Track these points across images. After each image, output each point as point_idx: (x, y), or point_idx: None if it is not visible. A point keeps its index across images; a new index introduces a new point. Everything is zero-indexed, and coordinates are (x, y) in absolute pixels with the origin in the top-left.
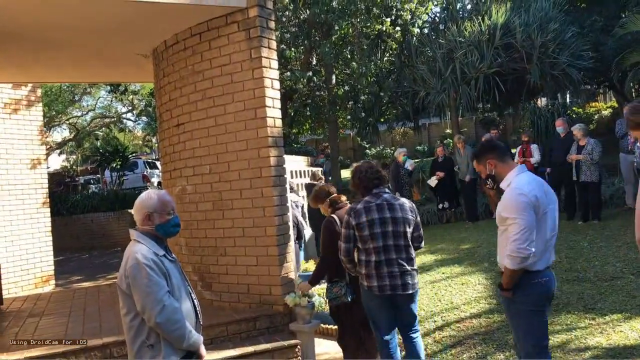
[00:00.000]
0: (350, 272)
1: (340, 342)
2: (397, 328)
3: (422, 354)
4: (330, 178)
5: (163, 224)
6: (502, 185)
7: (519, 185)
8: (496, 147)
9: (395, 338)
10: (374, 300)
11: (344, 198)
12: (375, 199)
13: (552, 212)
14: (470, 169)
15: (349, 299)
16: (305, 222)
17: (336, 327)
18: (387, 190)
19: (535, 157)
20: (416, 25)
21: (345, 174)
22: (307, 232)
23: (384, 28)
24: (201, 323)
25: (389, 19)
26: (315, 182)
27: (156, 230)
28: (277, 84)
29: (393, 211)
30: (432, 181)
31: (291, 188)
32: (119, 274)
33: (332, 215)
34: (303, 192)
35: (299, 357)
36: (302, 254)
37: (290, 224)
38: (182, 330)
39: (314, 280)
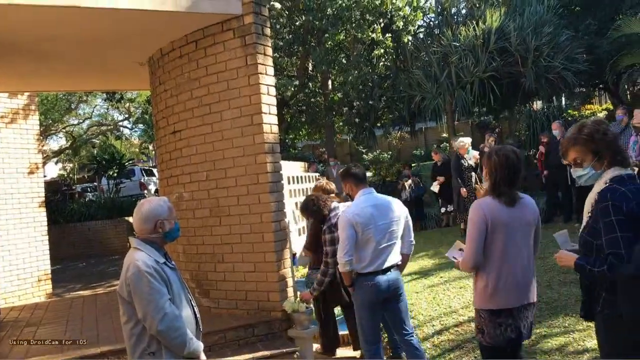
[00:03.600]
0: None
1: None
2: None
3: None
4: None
5: (171, 229)
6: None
7: (350, 207)
8: (353, 175)
9: None
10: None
11: None
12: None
13: (384, 227)
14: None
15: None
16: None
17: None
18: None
19: None
20: (410, 31)
21: None
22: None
23: (375, 36)
24: (201, 330)
25: (379, 27)
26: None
27: (165, 237)
28: (273, 91)
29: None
30: (435, 187)
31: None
32: (120, 281)
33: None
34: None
35: None
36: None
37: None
38: (183, 338)
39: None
